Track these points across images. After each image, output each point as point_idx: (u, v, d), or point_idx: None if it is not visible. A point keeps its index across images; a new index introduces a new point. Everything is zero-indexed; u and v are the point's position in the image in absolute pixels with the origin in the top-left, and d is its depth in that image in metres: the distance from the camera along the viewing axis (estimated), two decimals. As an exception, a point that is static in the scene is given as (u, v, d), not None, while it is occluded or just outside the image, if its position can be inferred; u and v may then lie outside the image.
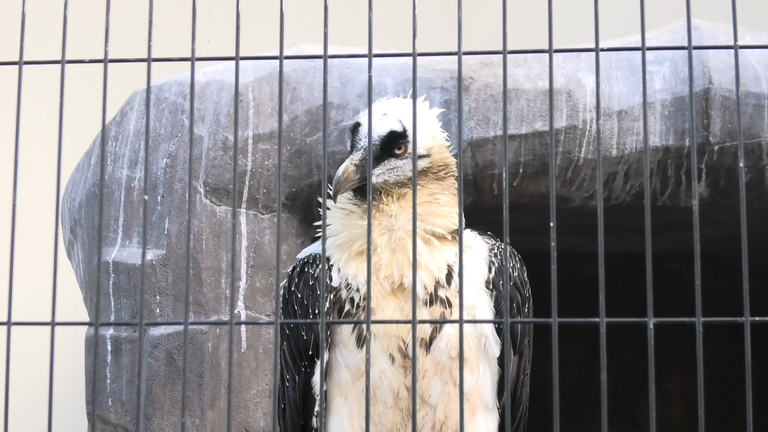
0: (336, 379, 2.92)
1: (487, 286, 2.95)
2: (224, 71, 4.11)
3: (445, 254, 2.89)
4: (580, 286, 5.49)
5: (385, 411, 2.88)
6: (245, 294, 3.98)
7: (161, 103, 4.08)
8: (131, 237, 3.97)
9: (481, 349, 2.93)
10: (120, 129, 4.10)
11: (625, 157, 4.00)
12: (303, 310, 2.95)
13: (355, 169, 2.82)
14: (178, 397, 3.83)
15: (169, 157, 4.00)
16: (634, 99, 3.99)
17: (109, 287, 3.93)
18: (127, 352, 3.87)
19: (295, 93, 4.04)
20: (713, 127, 3.95)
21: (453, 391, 2.88)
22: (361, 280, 2.89)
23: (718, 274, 5.79)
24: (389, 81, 4.01)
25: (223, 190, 3.99)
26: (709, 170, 4.05)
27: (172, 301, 3.92)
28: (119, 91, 4.07)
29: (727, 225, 4.63)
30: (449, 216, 2.93)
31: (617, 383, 6.21)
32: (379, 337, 2.86)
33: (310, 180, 4.03)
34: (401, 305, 2.87)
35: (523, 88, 4.01)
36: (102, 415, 3.89)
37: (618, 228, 4.88)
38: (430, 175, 2.96)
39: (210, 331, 3.90)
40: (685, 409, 6.37)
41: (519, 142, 3.99)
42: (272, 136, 4.01)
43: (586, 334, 5.77)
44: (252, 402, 3.95)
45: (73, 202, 4.19)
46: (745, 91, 3.94)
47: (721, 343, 5.61)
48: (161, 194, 3.98)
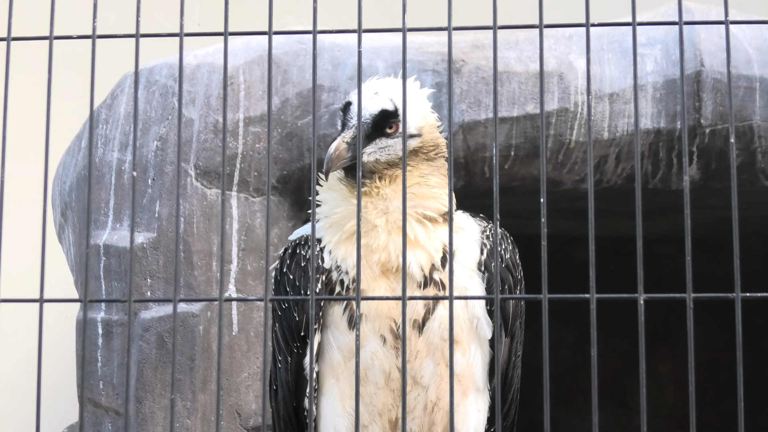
0: (328, 360, 2.92)
1: (480, 268, 2.95)
2: (215, 53, 4.10)
3: (441, 235, 2.89)
4: (571, 270, 5.48)
5: (377, 392, 2.88)
6: (236, 277, 3.97)
7: (152, 85, 4.06)
8: (122, 220, 3.96)
9: (473, 331, 2.93)
10: (110, 112, 4.08)
11: (617, 139, 4.01)
12: (295, 291, 2.95)
13: (347, 147, 2.81)
14: (169, 380, 3.83)
15: (159, 140, 3.99)
16: (626, 81, 4.00)
17: (99, 270, 3.91)
18: (118, 335, 3.87)
19: (286, 76, 4.03)
20: (705, 109, 3.96)
21: (445, 372, 2.88)
22: (350, 263, 2.89)
23: (709, 258, 5.80)
24: (380, 64, 4.00)
25: (213, 172, 3.98)
26: (700, 153, 4.05)
27: (163, 284, 3.91)
28: (111, 75, 4.07)
29: (718, 209, 4.63)
30: (440, 198, 2.93)
31: (608, 367, 6.23)
32: (371, 318, 2.86)
33: (302, 163, 4.02)
34: (392, 287, 2.87)
35: (514, 70, 4.01)
36: (93, 398, 3.89)
37: (609, 211, 4.88)
38: (420, 156, 2.96)
39: (201, 314, 3.89)
40: (676, 393, 6.39)
41: (510, 124, 3.98)
42: (263, 119, 4.00)
43: (578, 319, 5.77)
44: (243, 385, 3.95)
45: (64, 185, 4.17)
46: (736, 74, 3.95)
47: (713, 327, 5.62)
48: (152, 177, 3.97)
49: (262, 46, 4.06)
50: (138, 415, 3.84)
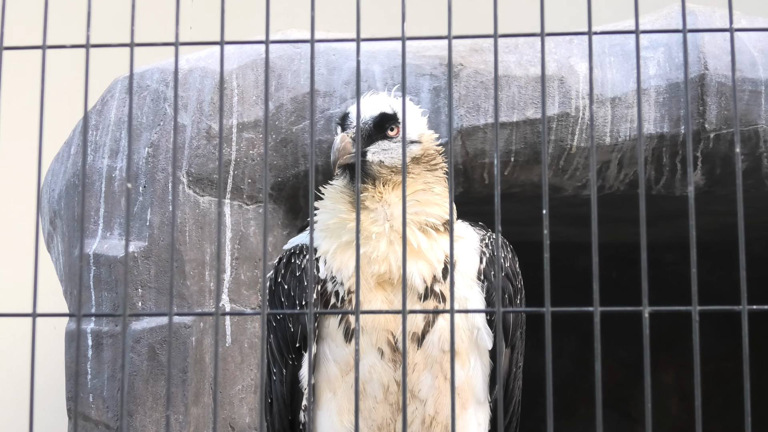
0: (324, 373, 2.93)
1: (479, 277, 2.97)
2: (207, 58, 4.11)
3: (442, 244, 2.91)
4: (572, 278, 5.52)
5: (375, 406, 2.89)
6: (230, 287, 3.98)
7: (143, 90, 4.07)
8: (112, 228, 3.96)
9: (473, 342, 2.94)
10: (100, 117, 4.09)
11: (619, 145, 4.02)
12: (290, 301, 2.96)
13: (352, 141, 2.86)
14: (161, 393, 3.84)
15: (151, 146, 4.00)
16: (628, 85, 4.01)
17: (89, 280, 3.91)
18: (109, 346, 3.86)
19: (280, 80, 4.04)
20: (709, 114, 3.97)
21: (443, 385, 2.89)
22: (346, 274, 2.90)
23: (714, 265, 5.83)
24: (377, 68, 4.02)
25: (206, 180, 3.99)
26: (704, 158, 4.06)
27: (154, 294, 3.91)
28: (100, 80, 4.07)
29: (723, 215, 4.65)
30: (442, 205, 2.95)
31: (611, 377, 6.24)
32: (368, 331, 2.87)
33: (297, 169, 4.03)
34: (390, 298, 2.88)
35: (514, 74, 4.02)
36: (83, 411, 3.89)
37: (611, 218, 4.90)
38: (422, 164, 3.00)
39: (194, 325, 3.90)
40: (681, 404, 6.41)
41: (510, 130, 4.00)
42: (257, 125, 4.01)
43: (579, 327, 5.80)
44: (237, 398, 3.96)
45: (53, 192, 4.18)
46: (741, 77, 3.96)
47: (718, 336, 5.65)
48: (143, 185, 3.97)
49: (255, 49, 4.08)
50: (129, 429, 3.84)
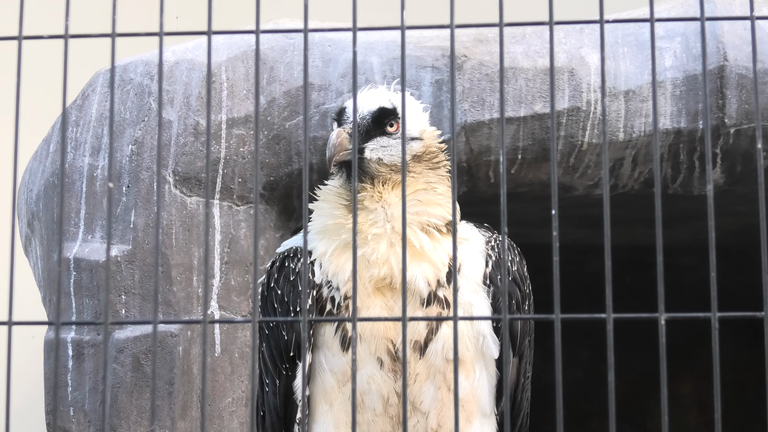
0: (320, 384, 2.92)
1: (485, 281, 2.96)
2: (194, 49, 4.10)
3: (446, 246, 2.91)
4: (584, 283, 5.50)
5: (374, 419, 2.89)
6: (219, 293, 3.96)
7: (126, 84, 4.06)
8: (94, 231, 3.95)
9: (479, 350, 2.93)
10: (81, 113, 4.08)
11: (633, 141, 4.01)
12: (283, 308, 2.96)
13: (348, 137, 2.85)
14: (145, 406, 3.83)
15: (135, 143, 3.99)
16: (643, 78, 4.00)
17: (70, 286, 3.90)
18: (90, 357, 3.85)
19: (272, 73, 4.03)
20: (729, 107, 3.96)
21: (446, 396, 2.88)
22: (342, 278, 2.89)
23: (734, 267, 5.81)
24: (375, 59, 4.01)
25: (194, 179, 3.97)
26: (724, 155, 4.05)
27: (139, 300, 3.90)
28: (81, 73, 4.06)
29: (743, 215, 4.64)
30: (445, 206, 2.94)
31: (626, 388, 6.23)
32: (366, 339, 2.86)
33: (290, 168, 4.02)
34: (389, 304, 2.87)
35: (521, 66, 4.01)
36: (63, 425, 3.88)
37: (625, 218, 4.89)
38: (424, 162, 2.99)
39: (181, 334, 3.88)
40: (700, 417, 6.40)
41: (517, 125, 3.99)
42: (248, 120, 4.00)
43: (592, 335, 5.78)
44: (227, 411, 3.95)
45: (30, 193, 4.16)
46: (763, 69, 3.95)
47: (738, 344, 5.63)
48: (126, 184, 3.96)
49: (246, 40, 4.07)
50: (112, 444, 3.83)
